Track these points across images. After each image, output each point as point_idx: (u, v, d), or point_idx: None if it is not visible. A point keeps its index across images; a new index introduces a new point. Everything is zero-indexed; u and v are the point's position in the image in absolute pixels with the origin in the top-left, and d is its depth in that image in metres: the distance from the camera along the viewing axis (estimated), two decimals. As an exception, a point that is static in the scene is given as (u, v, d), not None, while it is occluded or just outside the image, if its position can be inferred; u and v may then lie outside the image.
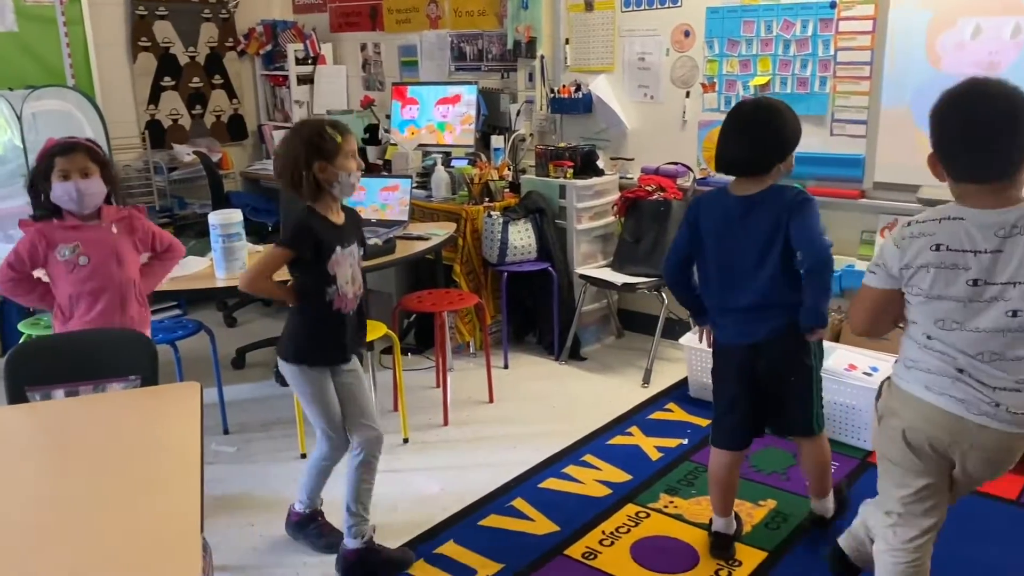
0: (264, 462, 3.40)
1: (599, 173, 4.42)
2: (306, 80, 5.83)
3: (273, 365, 4.24)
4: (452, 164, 4.65)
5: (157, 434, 2.01)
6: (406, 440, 3.51)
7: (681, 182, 4.26)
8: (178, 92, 5.68)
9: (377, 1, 5.54)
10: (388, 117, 5.15)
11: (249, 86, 6.13)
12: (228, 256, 3.22)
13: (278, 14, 6.07)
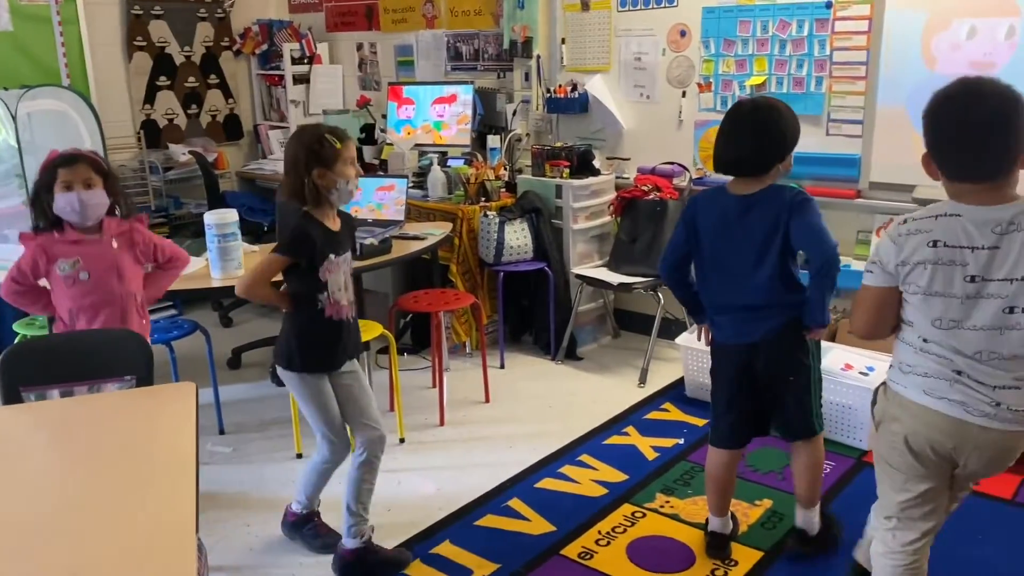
0: (260, 462, 3.39)
1: (595, 173, 4.42)
2: (302, 80, 5.82)
3: (269, 365, 4.24)
4: (448, 164, 4.65)
5: (152, 434, 2.01)
6: (402, 440, 3.51)
7: (677, 182, 4.26)
8: (174, 92, 5.66)
9: (373, 1, 5.53)
10: (384, 117, 5.15)
11: (245, 86, 6.12)
12: (224, 256, 3.21)
13: (274, 13, 6.07)
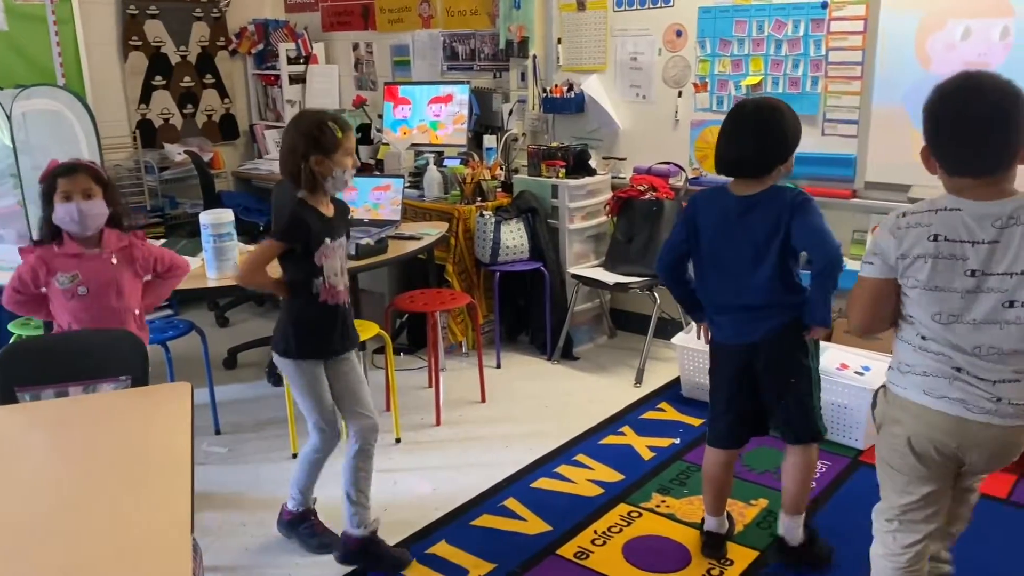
0: (256, 462, 3.39)
1: (591, 173, 4.42)
2: (298, 79, 5.81)
3: (265, 365, 4.24)
4: (444, 164, 4.65)
5: (147, 435, 2.00)
6: (398, 440, 3.51)
7: (673, 182, 4.26)
8: (169, 91, 5.65)
9: (369, 0, 5.53)
10: (380, 117, 5.14)
11: (240, 85, 6.11)
12: (219, 256, 3.21)
13: (270, 13, 6.06)
